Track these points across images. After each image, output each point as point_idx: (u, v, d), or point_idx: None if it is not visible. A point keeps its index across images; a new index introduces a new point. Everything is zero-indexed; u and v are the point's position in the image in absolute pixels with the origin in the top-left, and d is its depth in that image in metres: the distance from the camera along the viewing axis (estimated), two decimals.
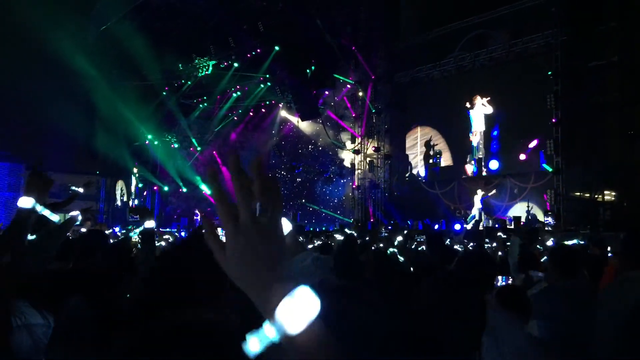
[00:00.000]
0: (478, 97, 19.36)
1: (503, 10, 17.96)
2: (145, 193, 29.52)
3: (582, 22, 15.14)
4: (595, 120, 15.10)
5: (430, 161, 21.00)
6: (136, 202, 29.68)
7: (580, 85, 15.69)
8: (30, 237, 2.68)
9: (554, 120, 16.30)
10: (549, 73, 16.57)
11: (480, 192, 18.55)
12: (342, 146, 23.29)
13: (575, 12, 15.31)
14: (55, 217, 2.83)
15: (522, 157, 17.77)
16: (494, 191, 18.57)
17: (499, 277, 5.14)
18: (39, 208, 2.61)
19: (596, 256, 6.84)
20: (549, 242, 7.87)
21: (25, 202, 2.54)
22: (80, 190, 7.29)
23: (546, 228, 14.67)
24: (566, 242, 7.83)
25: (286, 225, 1.32)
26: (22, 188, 2.72)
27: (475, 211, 18.30)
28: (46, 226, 2.94)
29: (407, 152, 22.06)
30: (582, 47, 15.73)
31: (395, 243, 7.40)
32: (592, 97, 15.11)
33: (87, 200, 30.11)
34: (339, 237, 9.08)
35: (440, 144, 20.78)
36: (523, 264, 5.66)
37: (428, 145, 21.10)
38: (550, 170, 16.42)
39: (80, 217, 3.42)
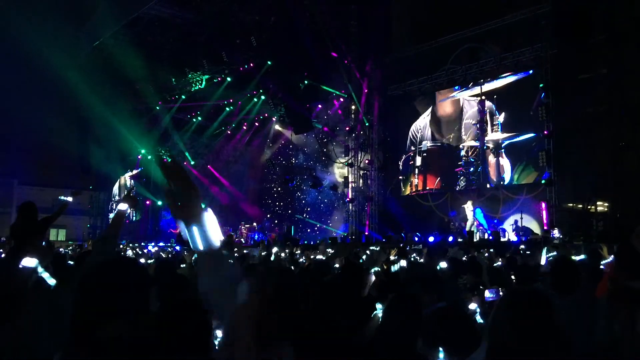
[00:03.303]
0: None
1: (494, 24, 18.11)
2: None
3: (572, 35, 15.26)
4: (586, 132, 15.20)
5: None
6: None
7: (570, 98, 15.81)
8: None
9: (545, 132, 16.42)
10: (540, 86, 16.73)
11: (469, 203, 18.18)
12: (336, 159, 23.31)
13: (565, 25, 15.45)
14: (52, 281, 3.06)
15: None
16: (468, 203, 18.22)
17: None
18: (40, 270, 2.88)
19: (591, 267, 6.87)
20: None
21: (29, 262, 2.83)
22: (69, 199, 7.30)
23: (555, 242, 14.63)
24: (574, 257, 7.80)
25: (212, 219, 1.63)
26: (27, 249, 2.95)
27: (469, 223, 17.83)
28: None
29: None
30: (572, 60, 15.87)
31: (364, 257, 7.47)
32: (583, 109, 15.21)
33: (80, 216, 30.06)
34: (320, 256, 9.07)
35: None
36: (522, 277, 5.66)
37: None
38: (543, 182, 16.52)
39: (129, 210, 3.51)
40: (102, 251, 3.04)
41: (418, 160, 20.71)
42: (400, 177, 21.60)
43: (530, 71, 17.54)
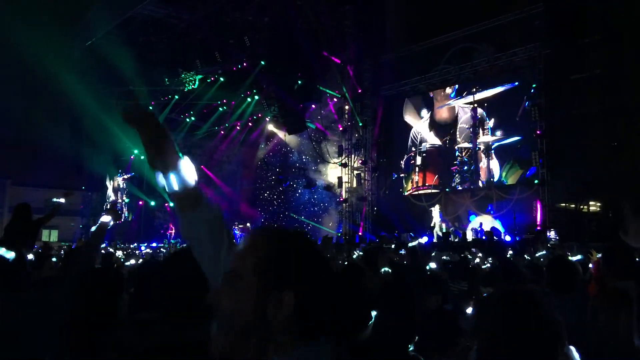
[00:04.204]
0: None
1: (488, 24, 18.15)
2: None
3: (566, 35, 15.29)
4: (579, 131, 15.23)
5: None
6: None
7: (563, 98, 15.85)
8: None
9: (538, 132, 16.46)
10: (533, 86, 16.77)
11: (437, 207, 19.28)
12: (330, 160, 23.29)
13: (558, 26, 15.47)
14: (10, 254, 3.04)
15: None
16: (436, 207, 19.30)
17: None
18: None
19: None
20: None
21: None
22: (62, 200, 7.27)
23: (550, 243, 14.61)
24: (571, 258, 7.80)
25: (189, 165, 1.55)
26: None
27: (436, 226, 18.92)
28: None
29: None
30: (566, 60, 15.91)
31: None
32: (576, 109, 15.25)
33: (73, 216, 29.93)
34: None
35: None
36: (511, 279, 5.64)
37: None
38: (536, 182, 16.57)
39: (111, 222, 3.58)
40: (84, 261, 3.07)
41: (418, 160, 21.50)
42: (402, 175, 21.90)
43: (516, 82, 18.08)
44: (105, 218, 3.54)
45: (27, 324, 2.61)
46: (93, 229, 3.23)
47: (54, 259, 5.76)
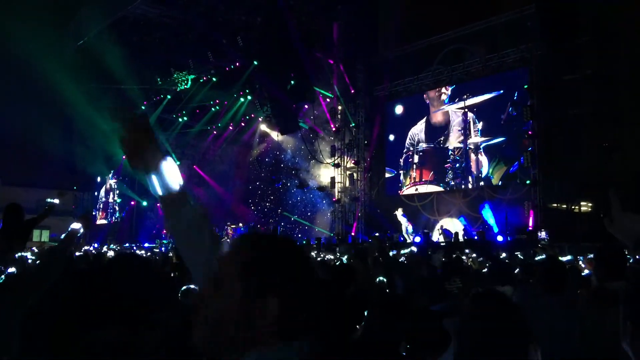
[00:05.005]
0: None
1: (480, 25, 18.20)
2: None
3: (557, 36, 15.36)
4: (570, 132, 15.30)
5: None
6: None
7: (555, 99, 15.92)
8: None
9: (530, 132, 16.52)
10: (525, 87, 16.83)
11: (400, 210, 20.47)
12: (323, 160, 23.27)
13: (550, 26, 15.53)
14: None
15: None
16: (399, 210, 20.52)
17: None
18: None
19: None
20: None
21: None
22: (56, 201, 7.21)
23: (540, 243, 14.66)
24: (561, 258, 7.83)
25: (171, 166, 1.58)
26: None
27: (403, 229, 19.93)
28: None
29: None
30: (557, 61, 15.98)
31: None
32: (567, 110, 15.32)
33: (64, 217, 29.76)
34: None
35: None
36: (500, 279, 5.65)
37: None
38: (528, 182, 16.64)
39: (82, 230, 3.55)
40: (51, 264, 3.06)
41: (416, 158, 22.05)
42: (401, 172, 21.95)
43: (502, 91, 18.46)
44: (76, 225, 3.53)
45: None
46: (62, 236, 3.23)
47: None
